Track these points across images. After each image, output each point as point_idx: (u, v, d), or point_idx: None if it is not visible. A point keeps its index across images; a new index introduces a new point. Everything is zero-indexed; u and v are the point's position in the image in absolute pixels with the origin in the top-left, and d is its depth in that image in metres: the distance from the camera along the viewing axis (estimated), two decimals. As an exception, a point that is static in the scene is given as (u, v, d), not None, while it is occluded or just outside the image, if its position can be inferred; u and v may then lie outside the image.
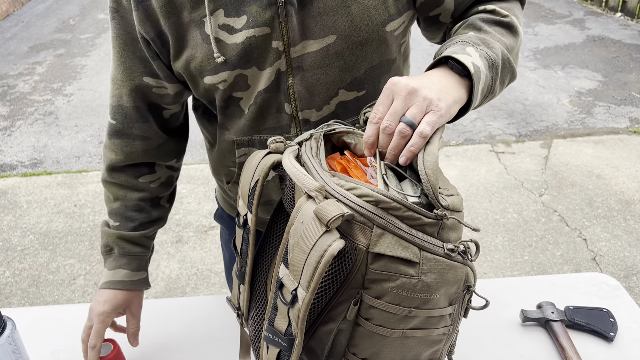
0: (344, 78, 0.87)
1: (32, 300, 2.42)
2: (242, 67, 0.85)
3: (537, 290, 1.16)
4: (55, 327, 1.11)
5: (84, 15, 6.80)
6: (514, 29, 0.85)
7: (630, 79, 4.35)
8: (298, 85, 0.86)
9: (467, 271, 0.65)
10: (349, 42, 0.84)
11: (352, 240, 0.62)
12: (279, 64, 0.85)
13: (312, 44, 0.83)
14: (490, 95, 0.81)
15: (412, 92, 0.68)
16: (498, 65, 0.78)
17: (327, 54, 0.84)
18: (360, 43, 0.85)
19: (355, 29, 0.83)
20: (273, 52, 0.84)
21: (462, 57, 0.73)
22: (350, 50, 0.85)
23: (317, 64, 0.85)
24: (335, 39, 0.83)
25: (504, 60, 0.80)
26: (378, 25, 0.84)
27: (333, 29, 0.82)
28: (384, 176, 0.65)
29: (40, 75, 4.98)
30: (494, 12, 0.86)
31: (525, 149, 3.45)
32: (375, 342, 0.66)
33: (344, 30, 0.83)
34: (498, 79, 0.79)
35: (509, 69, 0.81)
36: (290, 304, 0.62)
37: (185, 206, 3.00)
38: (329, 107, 0.89)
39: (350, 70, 0.87)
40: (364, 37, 0.84)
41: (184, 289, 2.43)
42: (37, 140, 3.84)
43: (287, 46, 0.83)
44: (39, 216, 2.98)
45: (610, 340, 1.03)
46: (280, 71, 0.85)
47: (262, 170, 0.74)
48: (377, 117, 0.70)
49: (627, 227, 2.72)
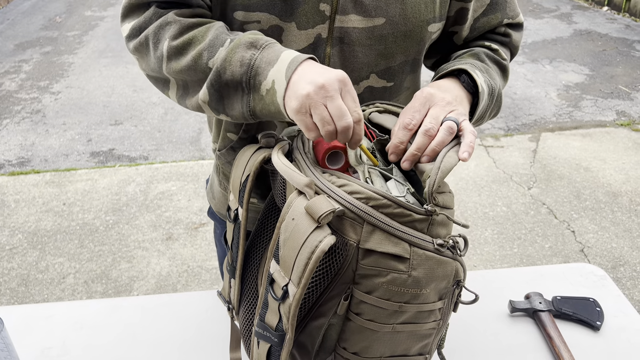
0: (380, 64, 0.87)
1: (22, 300, 2.40)
2: (281, 17, 0.80)
3: (525, 281, 1.17)
4: (44, 325, 1.11)
5: (71, 12, 6.73)
6: (507, 74, 0.93)
7: (617, 72, 4.39)
8: (335, 56, 0.84)
9: (457, 266, 0.65)
10: (395, 29, 0.83)
11: (343, 236, 0.63)
12: (320, 28, 0.82)
13: (361, 20, 0.82)
14: (479, 121, 0.86)
15: (449, 104, 0.73)
16: (494, 96, 0.84)
17: (372, 34, 0.83)
18: (404, 33, 0.85)
19: (405, 19, 0.83)
20: (319, 15, 0.81)
21: (475, 74, 0.77)
22: (394, 37, 0.84)
23: (359, 42, 0.83)
24: (384, 22, 0.82)
25: (499, 94, 0.85)
26: (424, 22, 0.85)
27: (385, 11, 0.82)
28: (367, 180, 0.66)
29: (26, 73, 4.93)
30: (496, 52, 0.92)
31: (513, 143, 3.47)
32: (366, 336, 0.67)
33: (394, 17, 0.83)
34: (491, 107, 0.85)
35: (498, 104, 0.87)
36: (281, 299, 0.63)
37: (175, 203, 2.99)
38: (357, 88, 0.88)
39: (387, 58, 0.86)
40: (409, 28, 0.84)
41: (174, 286, 2.43)
42: (25, 138, 3.81)
43: (334, 12, 0.81)
44: (27, 215, 2.96)
45: (596, 329, 1.05)
46: (320, 37, 0.82)
47: (252, 165, 0.74)
48: (412, 123, 0.72)
49: (614, 218, 2.75)
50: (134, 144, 3.66)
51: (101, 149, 3.62)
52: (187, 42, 0.76)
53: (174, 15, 0.78)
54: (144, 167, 3.37)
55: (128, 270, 2.53)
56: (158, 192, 3.10)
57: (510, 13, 0.94)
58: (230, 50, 0.73)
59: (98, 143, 3.70)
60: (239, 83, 0.73)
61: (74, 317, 1.12)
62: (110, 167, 3.39)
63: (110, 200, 3.05)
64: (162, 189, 3.13)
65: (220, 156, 1.02)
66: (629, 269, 2.43)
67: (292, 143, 0.76)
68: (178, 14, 0.79)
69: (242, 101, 0.74)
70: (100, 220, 2.89)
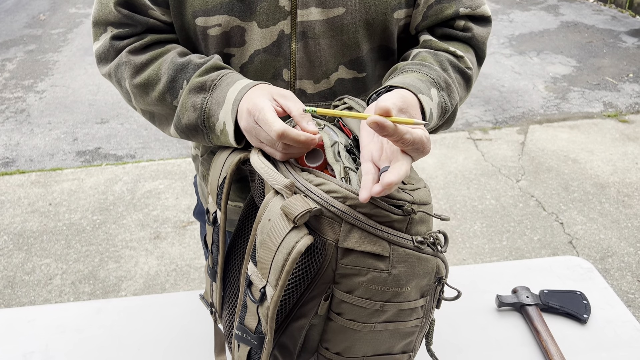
0: (346, 54, 0.86)
1: (8, 302, 2.37)
2: (241, 18, 0.80)
3: (512, 275, 1.17)
4: (26, 329, 1.09)
5: (55, 10, 6.64)
6: (470, 83, 0.89)
7: (604, 63, 4.41)
8: (301, 51, 0.84)
9: (438, 263, 0.64)
10: (356, 18, 0.82)
11: (321, 236, 0.61)
12: (283, 24, 0.81)
13: (321, 12, 0.81)
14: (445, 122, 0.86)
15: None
16: (446, 116, 0.81)
17: (333, 25, 0.82)
18: (366, 22, 0.83)
19: (365, 7, 0.82)
20: (279, 11, 0.80)
21: (425, 101, 0.73)
22: (355, 27, 0.83)
23: (322, 34, 0.82)
24: (343, 11, 0.81)
25: (453, 112, 0.83)
26: (387, 9, 0.83)
27: (344, 1, 0.81)
28: (343, 179, 0.65)
29: (10, 72, 4.86)
30: (461, 60, 0.87)
31: (502, 136, 3.48)
32: (348, 336, 0.66)
33: (354, 5, 0.81)
34: (440, 125, 0.84)
35: (451, 120, 0.86)
36: (259, 301, 0.61)
37: (163, 202, 2.97)
38: (327, 81, 0.87)
39: (352, 48, 0.85)
40: (371, 16, 0.83)
41: (163, 285, 2.41)
42: (9, 138, 3.76)
43: (294, 7, 0.80)
44: (13, 216, 2.92)
45: (583, 322, 1.05)
46: (283, 33, 0.82)
47: (229, 167, 0.73)
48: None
49: (602, 210, 2.76)
50: (120, 142, 3.63)
51: (87, 148, 3.58)
52: (145, 83, 0.82)
53: (127, 55, 0.82)
54: (131, 165, 3.34)
55: (116, 270, 2.51)
56: (145, 191, 3.07)
57: (468, 3, 0.88)
58: (184, 97, 0.78)
59: (84, 142, 3.66)
60: (196, 126, 0.77)
61: (57, 320, 1.10)
62: (97, 166, 3.36)
63: (97, 200, 3.02)
64: (150, 188, 3.10)
65: (202, 162, 1.02)
66: (617, 260, 2.44)
67: None
68: (131, 51, 0.82)
69: (205, 139, 0.80)
70: (87, 220, 2.86)
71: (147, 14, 0.83)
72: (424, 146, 0.60)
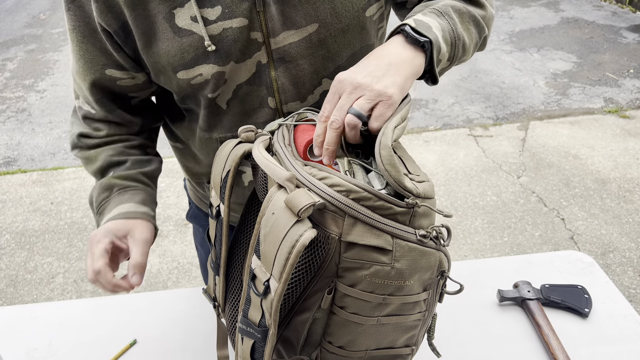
0: (327, 67, 0.85)
1: (10, 301, 2.38)
2: (219, 64, 0.81)
3: (514, 269, 1.17)
4: (29, 326, 1.09)
5: (55, 9, 6.64)
6: (478, 2, 0.85)
7: (604, 59, 4.40)
8: (281, 77, 0.84)
9: (441, 256, 0.65)
10: (332, 29, 0.82)
11: (325, 230, 0.62)
12: (259, 55, 0.81)
13: (294, 34, 0.80)
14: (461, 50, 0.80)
15: (358, 87, 0.67)
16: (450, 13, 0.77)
17: (310, 43, 0.82)
18: (342, 30, 0.83)
19: (337, 16, 0.81)
20: (253, 44, 0.80)
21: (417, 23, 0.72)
22: (333, 37, 0.83)
23: (300, 54, 0.82)
24: (317, 27, 0.81)
25: (459, 11, 0.79)
26: (358, 10, 0.83)
27: (315, 16, 0.80)
28: (347, 172, 0.65)
29: (11, 71, 4.87)
30: None
31: (502, 132, 3.48)
32: (351, 330, 0.66)
33: (326, 18, 0.81)
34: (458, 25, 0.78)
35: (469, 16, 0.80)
36: (263, 295, 0.62)
37: (164, 200, 2.97)
38: (313, 96, 0.87)
39: (333, 59, 0.85)
40: (345, 23, 0.82)
41: (165, 283, 2.42)
42: (10, 138, 3.76)
43: (267, 37, 0.80)
44: (15, 215, 2.93)
45: (585, 317, 1.05)
46: (261, 63, 0.82)
47: (233, 161, 0.73)
48: (324, 115, 0.69)
49: (603, 205, 2.76)
50: (121, 141, 3.63)
51: (88, 146, 3.59)
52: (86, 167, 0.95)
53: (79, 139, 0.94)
54: (132, 164, 3.34)
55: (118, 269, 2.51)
56: (147, 189, 3.07)
57: None
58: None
59: (85, 141, 3.66)
60: None
61: (60, 317, 1.11)
62: (98, 165, 3.36)
63: (98, 199, 3.02)
64: (151, 186, 3.10)
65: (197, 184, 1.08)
66: (618, 255, 2.44)
67: (273, 137, 0.74)
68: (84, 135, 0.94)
69: None
70: (89, 219, 2.86)
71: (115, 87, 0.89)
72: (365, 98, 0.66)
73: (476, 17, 0.82)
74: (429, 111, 3.77)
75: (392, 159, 0.61)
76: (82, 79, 0.88)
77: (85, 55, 0.85)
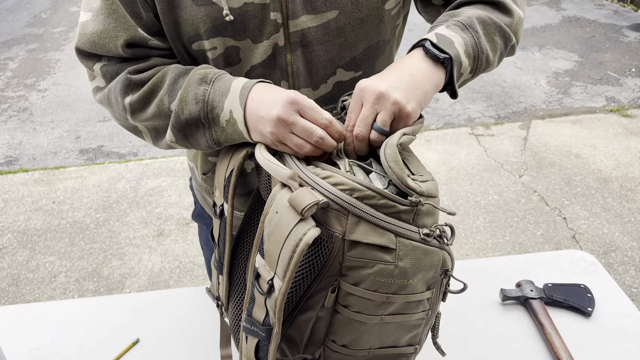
0: (343, 56, 0.85)
1: (12, 300, 2.38)
2: (235, 37, 0.80)
3: (516, 269, 1.17)
4: (32, 325, 1.10)
5: (56, 8, 6.64)
6: (504, 6, 0.82)
7: (606, 58, 4.40)
8: (297, 61, 0.83)
9: (444, 255, 0.65)
10: (351, 18, 0.82)
11: (328, 228, 0.62)
12: (276, 37, 0.81)
13: (313, 19, 0.80)
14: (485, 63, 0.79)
15: (380, 97, 0.69)
16: (474, 26, 0.76)
17: (328, 29, 0.82)
18: (361, 20, 0.83)
19: (357, 5, 0.81)
20: (271, 25, 0.79)
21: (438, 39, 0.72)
22: (351, 26, 0.83)
23: (317, 40, 0.82)
24: (337, 14, 0.81)
25: (484, 22, 0.78)
26: (378, 2, 0.83)
27: (336, 3, 0.80)
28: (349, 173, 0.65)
29: (12, 71, 4.87)
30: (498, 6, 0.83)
31: (504, 131, 3.47)
32: (354, 328, 0.66)
33: (346, 6, 0.81)
34: (482, 38, 0.77)
35: (494, 26, 0.79)
36: (267, 293, 0.62)
37: (166, 199, 2.97)
38: (326, 86, 0.87)
39: (349, 48, 0.85)
40: (365, 13, 0.82)
41: (167, 282, 2.42)
42: (12, 137, 3.76)
43: (285, 19, 0.79)
44: (17, 214, 2.93)
45: (588, 316, 1.05)
46: (277, 46, 0.81)
47: (236, 160, 0.73)
48: (350, 124, 0.72)
49: (605, 204, 2.76)
50: (123, 140, 3.63)
51: (90, 146, 3.59)
52: (147, 93, 0.80)
53: (128, 76, 0.80)
54: (134, 163, 3.35)
55: (120, 268, 2.51)
56: (148, 189, 3.08)
57: None
58: (183, 90, 0.76)
59: (87, 140, 3.66)
60: (198, 120, 0.76)
61: (62, 316, 1.11)
62: (100, 164, 3.37)
63: (100, 198, 3.02)
64: (153, 185, 3.10)
65: (206, 179, 1.02)
66: (620, 254, 2.44)
67: None
68: (132, 72, 0.81)
69: (205, 136, 0.77)
70: (91, 218, 2.87)
71: (148, 45, 0.82)
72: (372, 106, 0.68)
73: (502, 26, 0.81)
74: (430, 110, 3.77)
75: (396, 157, 0.61)
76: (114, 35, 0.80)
77: (118, 11, 0.79)
